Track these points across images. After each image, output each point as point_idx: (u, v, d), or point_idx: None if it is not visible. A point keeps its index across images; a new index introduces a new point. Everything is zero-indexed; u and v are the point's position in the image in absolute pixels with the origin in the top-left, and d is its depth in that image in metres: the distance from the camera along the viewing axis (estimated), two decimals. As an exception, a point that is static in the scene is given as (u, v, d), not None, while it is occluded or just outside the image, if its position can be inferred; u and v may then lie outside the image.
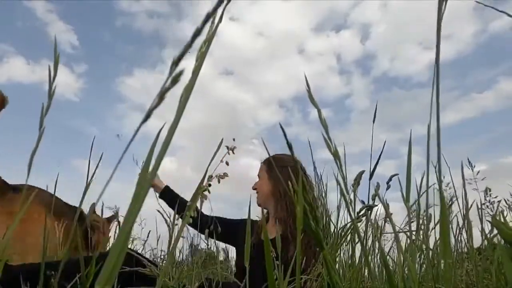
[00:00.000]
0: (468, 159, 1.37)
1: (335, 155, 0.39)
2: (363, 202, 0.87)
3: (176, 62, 0.22)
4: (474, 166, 1.38)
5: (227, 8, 0.29)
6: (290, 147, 0.52)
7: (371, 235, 1.01)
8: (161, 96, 0.22)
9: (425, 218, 0.91)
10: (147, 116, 0.22)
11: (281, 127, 0.48)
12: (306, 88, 0.38)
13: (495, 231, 1.01)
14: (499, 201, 1.33)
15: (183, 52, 0.22)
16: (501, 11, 0.55)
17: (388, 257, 1.08)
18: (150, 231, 2.05)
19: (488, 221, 1.03)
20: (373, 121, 0.92)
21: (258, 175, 1.79)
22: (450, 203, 1.09)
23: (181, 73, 0.22)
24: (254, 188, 1.76)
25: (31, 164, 0.38)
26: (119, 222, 1.57)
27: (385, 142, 0.94)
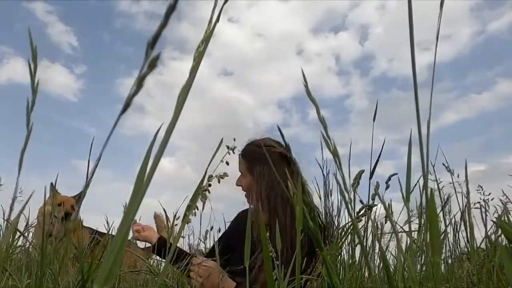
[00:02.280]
0: None
1: (335, 153, 0.39)
2: (361, 201, 0.87)
3: (151, 45, 0.21)
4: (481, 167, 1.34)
5: (225, 9, 0.30)
6: (288, 148, 0.52)
7: (371, 235, 1.01)
8: (139, 83, 0.21)
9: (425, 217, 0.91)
10: (127, 104, 0.21)
11: (279, 128, 0.48)
12: (304, 83, 0.38)
13: (490, 232, 1.01)
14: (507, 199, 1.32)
15: (157, 33, 0.21)
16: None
17: (389, 255, 1.08)
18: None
19: (492, 221, 1.03)
20: (374, 120, 0.92)
21: (239, 170, 1.61)
22: (445, 202, 1.09)
23: (158, 57, 0.21)
24: (238, 185, 1.60)
25: (21, 163, 0.37)
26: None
27: (384, 141, 0.94)
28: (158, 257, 1.62)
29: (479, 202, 1.24)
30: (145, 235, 1.57)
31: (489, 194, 1.32)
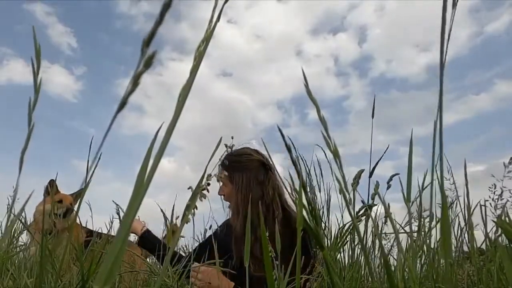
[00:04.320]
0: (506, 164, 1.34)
1: (335, 153, 0.39)
2: (363, 201, 0.87)
3: (147, 43, 0.21)
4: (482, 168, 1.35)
5: (224, 11, 0.30)
6: (288, 149, 0.52)
7: (371, 235, 1.01)
8: (134, 81, 0.21)
9: (423, 217, 0.91)
10: (123, 103, 0.21)
11: (279, 129, 0.48)
12: (304, 83, 0.38)
13: (490, 232, 1.01)
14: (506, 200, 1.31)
15: (153, 31, 0.21)
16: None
17: (389, 256, 1.08)
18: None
19: (493, 221, 1.03)
20: (372, 116, 0.92)
21: (221, 180, 1.63)
22: (452, 203, 1.09)
23: (153, 55, 0.21)
24: (220, 194, 1.62)
25: (22, 162, 0.37)
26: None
27: (388, 145, 0.94)
28: (143, 249, 1.68)
29: (487, 200, 1.24)
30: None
31: (501, 193, 1.31)
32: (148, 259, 1.77)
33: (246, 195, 1.50)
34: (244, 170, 1.54)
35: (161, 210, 1.41)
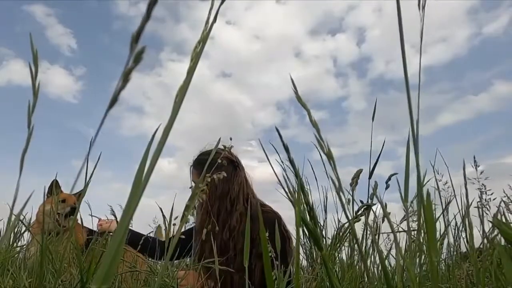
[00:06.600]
0: (474, 157, 1.36)
1: (329, 155, 0.40)
2: (361, 202, 0.88)
3: (135, 39, 0.21)
4: (479, 166, 1.36)
5: (224, 12, 0.30)
6: (286, 149, 0.53)
7: (370, 235, 1.01)
8: (125, 78, 0.21)
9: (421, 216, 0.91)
10: (114, 99, 0.21)
11: (277, 130, 0.49)
12: (293, 89, 0.38)
13: (490, 232, 1.01)
14: (501, 200, 1.31)
15: (141, 28, 0.21)
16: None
17: (388, 255, 1.08)
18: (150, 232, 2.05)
19: (489, 221, 1.03)
20: (372, 119, 0.92)
21: (192, 180, 1.71)
22: (448, 202, 1.09)
23: (142, 50, 0.21)
24: None
25: (22, 163, 0.38)
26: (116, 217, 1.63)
27: (384, 142, 0.94)
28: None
29: (479, 202, 1.25)
30: (107, 227, 1.74)
31: (491, 194, 1.32)
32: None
33: (212, 190, 1.57)
34: (212, 168, 1.58)
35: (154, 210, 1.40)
